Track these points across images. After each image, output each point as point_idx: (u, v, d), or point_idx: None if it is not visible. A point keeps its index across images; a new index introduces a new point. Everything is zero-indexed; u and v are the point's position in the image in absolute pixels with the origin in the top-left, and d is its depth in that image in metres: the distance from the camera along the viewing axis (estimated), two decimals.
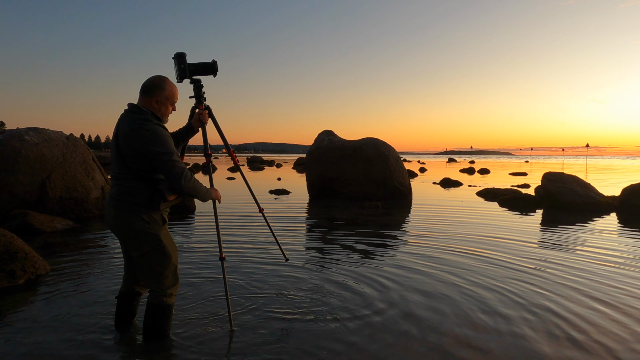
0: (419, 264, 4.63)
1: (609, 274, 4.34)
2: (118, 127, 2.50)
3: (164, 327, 2.64)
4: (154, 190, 2.47)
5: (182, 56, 2.82)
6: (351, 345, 2.68)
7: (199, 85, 2.93)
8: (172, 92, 2.58)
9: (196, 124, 2.91)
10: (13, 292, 3.63)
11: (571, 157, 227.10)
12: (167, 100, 2.56)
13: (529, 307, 3.35)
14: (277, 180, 19.09)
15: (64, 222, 6.82)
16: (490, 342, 2.73)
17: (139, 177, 2.46)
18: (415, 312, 3.24)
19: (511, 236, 6.30)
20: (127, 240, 2.55)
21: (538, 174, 23.36)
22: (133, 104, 2.54)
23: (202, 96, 2.94)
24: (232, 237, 5.94)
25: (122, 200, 2.47)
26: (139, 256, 2.55)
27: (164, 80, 2.56)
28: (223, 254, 2.87)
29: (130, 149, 2.42)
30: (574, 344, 2.73)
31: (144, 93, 2.52)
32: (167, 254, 2.57)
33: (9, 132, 7.71)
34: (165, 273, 2.58)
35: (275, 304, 3.38)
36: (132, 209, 2.46)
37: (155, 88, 2.52)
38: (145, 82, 2.54)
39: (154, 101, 2.52)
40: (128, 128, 2.42)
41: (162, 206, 2.51)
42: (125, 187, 2.47)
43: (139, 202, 2.46)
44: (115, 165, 2.50)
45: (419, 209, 9.64)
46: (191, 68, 2.84)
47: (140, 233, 2.49)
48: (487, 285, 3.91)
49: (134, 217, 2.47)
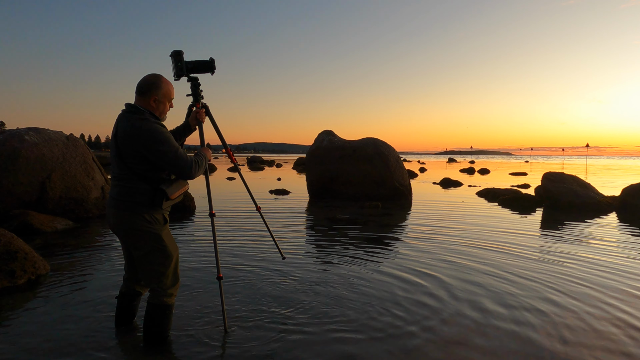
0: (418, 264, 4.63)
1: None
2: (117, 127, 2.49)
3: (164, 327, 2.64)
4: (155, 190, 2.47)
5: (180, 54, 2.79)
6: (349, 345, 2.68)
7: (197, 84, 2.90)
8: (168, 89, 2.59)
9: (193, 122, 2.90)
10: (13, 292, 3.63)
11: (571, 157, 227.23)
12: (165, 98, 2.57)
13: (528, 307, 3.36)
14: (277, 180, 19.08)
15: (64, 222, 6.82)
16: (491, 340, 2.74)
17: (139, 176, 2.45)
18: (414, 311, 3.24)
19: (511, 236, 6.30)
20: (129, 240, 2.55)
21: (538, 174, 23.36)
22: (130, 104, 2.53)
23: (200, 94, 2.92)
24: (231, 235, 5.94)
25: (124, 201, 2.47)
26: (140, 256, 2.55)
27: (159, 78, 2.56)
28: (221, 273, 2.86)
29: (130, 149, 2.41)
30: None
31: (141, 93, 2.52)
32: (169, 253, 2.58)
33: (9, 132, 7.71)
34: (166, 273, 2.58)
35: (273, 303, 3.38)
36: (134, 208, 2.46)
37: (152, 87, 2.52)
38: (141, 82, 2.53)
39: (152, 100, 2.52)
40: (128, 128, 2.41)
41: (164, 205, 2.51)
42: (126, 188, 2.47)
43: (141, 201, 2.46)
44: (115, 165, 2.50)
45: (419, 209, 9.64)
46: (189, 66, 2.82)
47: (142, 233, 2.49)
48: (488, 285, 3.91)
49: (136, 217, 2.46)
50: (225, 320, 2.86)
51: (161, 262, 2.55)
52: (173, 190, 2.51)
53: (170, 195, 2.48)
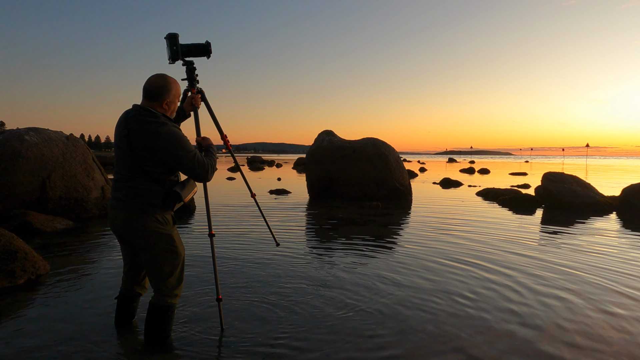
0: (418, 264, 4.63)
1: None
2: (128, 130, 2.43)
3: (166, 328, 2.64)
4: (168, 192, 2.49)
5: (175, 37, 2.72)
6: (345, 342, 2.68)
7: (192, 68, 2.82)
8: (177, 89, 2.60)
9: (188, 107, 2.85)
10: (13, 292, 3.63)
11: (571, 157, 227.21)
12: (175, 98, 2.59)
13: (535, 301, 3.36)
14: (277, 180, 19.09)
15: (64, 222, 6.82)
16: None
17: (153, 178, 2.45)
18: (413, 312, 3.24)
19: (511, 236, 6.30)
20: (140, 242, 2.52)
21: (538, 174, 23.35)
22: (142, 107, 2.48)
23: (195, 79, 2.83)
24: (230, 234, 5.94)
25: (135, 202, 2.45)
26: (151, 257, 2.54)
27: (167, 80, 2.54)
28: (220, 295, 2.84)
29: (147, 152, 2.40)
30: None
31: (152, 98, 2.49)
32: (179, 253, 2.61)
33: (9, 132, 7.71)
34: (174, 273, 2.60)
35: (271, 303, 3.38)
36: (146, 210, 2.45)
37: (162, 91, 2.50)
38: (150, 87, 2.49)
39: (164, 103, 2.52)
40: (147, 133, 2.39)
41: (176, 207, 2.54)
42: (137, 189, 2.45)
43: (154, 203, 2.46)
44: (124, 167, 2.46)
45: (419, 209, 9.64)
46: (184, 49, 2.75)
47: (155, 234, 2.49)
48: (488, 285, 3.91)
49: (148, 218, 2.46)
50: (221, 320, 2.85)
51: (171, 263, 2.57)
52: (186, 193, 2.54)
53: (184, 198, 2.52)
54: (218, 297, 2.84)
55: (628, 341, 2.79)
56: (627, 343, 2.77)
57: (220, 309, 2.86)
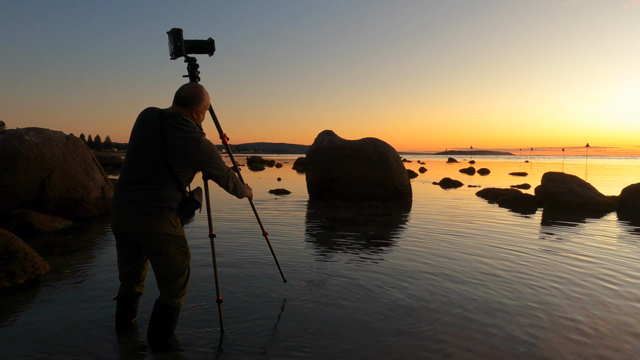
0: (418, 264, 4.63)
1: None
2: (166, 135, 2.43)
3: (170, 328, 2.65)
4: (188, 200, 2.56)
5: (179, 32, 2.69)
6: (344, 342, 2.68)
7: (195, 64, 2.81)
8: (208, 100, 2.67)
9: None
10: (13, 292, 3.63)
11: (571, 157, 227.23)
12: (205, 109, 2.66)
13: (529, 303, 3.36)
14: (277, 180, 19.08)
15: (64, 222, 6.81)
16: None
17: (178, 184, 2.50)
18: (412, 311, 3.24)
19: (510, 235, 6.30)
20: (151, 244, 2.52)
21: (538, 174, 23.37)
22: (177, 114, 2.49)
23: (197, 75, 2.83)
24: (230, 235, 5.95)
25: (153, 205, 2.45)
26: (164, 259, 2.55)
27: (201, 90, 2.60)
28: (220, 296, 2.85)
29: (182, 159, 2.45)
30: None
31: (184, 105, 2.53)
32: (188, 254, 2.66)
33: (9, 132, 7.71)
34: (185, 273, 2.64)
35: (272, 304, 3.38)
36: (163, 213, 2.47)
37: (195, 99, 2.55)
38: (184, 94, 2.54)
39: (194, 112, 2.57)
40: (186, 141, 2.44)
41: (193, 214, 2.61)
42: (157, 192, 2.45)
43: (172, 207, 2.50)
44: (148, 169, 2.44)
45: (419, 209, 9.64)
46: (187, 45, 2.73)
47: (169, 236, 2.53)
48: (488, 285, 3.91)
49: (164, 222, 2.49)
50: (221, 322, 2.86)
51: (182, 264, 2.61)
52: (201, 201, 2.64)
53: (200, 208, 2.60)
54: (218, 299, 2.84)
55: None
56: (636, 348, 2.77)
57: (221, 310, 2.86)
